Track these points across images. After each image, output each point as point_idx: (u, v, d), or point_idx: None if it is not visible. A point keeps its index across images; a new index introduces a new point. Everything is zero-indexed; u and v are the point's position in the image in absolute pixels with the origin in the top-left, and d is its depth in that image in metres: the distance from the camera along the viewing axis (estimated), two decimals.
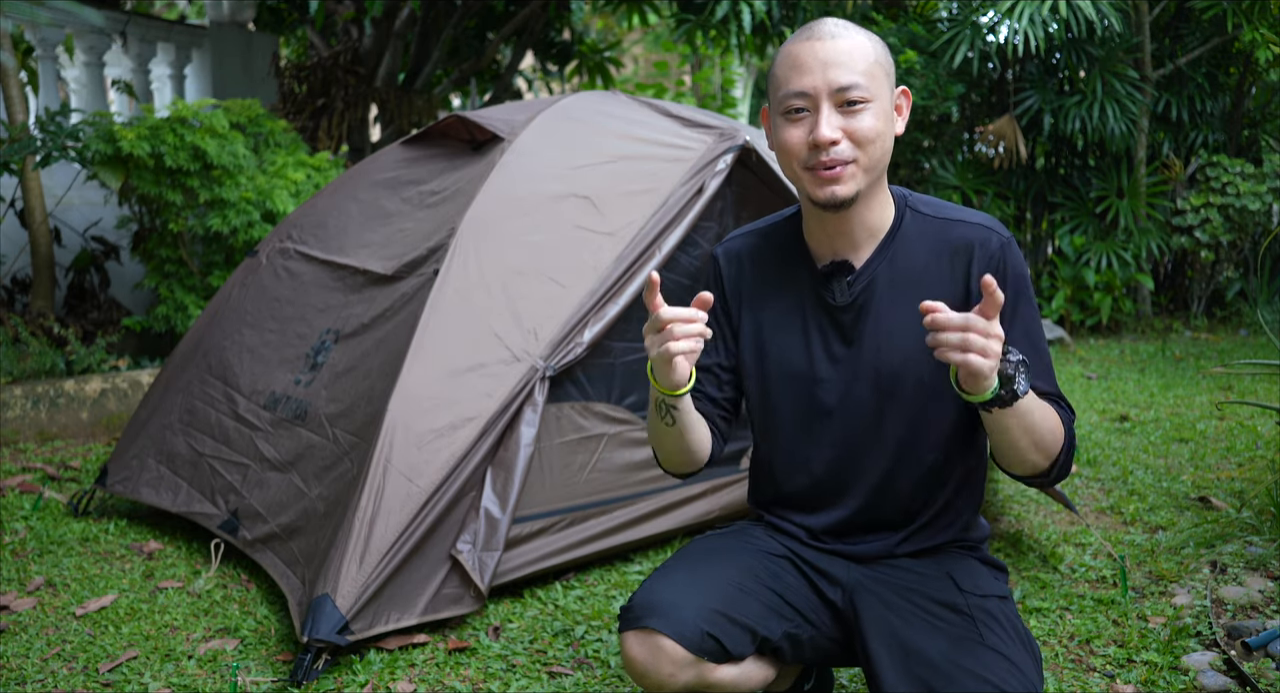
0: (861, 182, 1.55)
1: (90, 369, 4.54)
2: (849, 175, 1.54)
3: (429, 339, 2.53)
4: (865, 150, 1.54)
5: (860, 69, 1.52)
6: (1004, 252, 1.59)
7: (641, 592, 1.60)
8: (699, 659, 1.54)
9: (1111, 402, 4.87)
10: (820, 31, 1.55)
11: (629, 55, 13.55)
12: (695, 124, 3.09)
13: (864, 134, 1.53)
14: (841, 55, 1.52)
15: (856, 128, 1.52)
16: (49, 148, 4.39)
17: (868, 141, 1.53)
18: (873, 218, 1.62)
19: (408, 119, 7.07)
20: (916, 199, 1.67)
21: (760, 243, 1.75)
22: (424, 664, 2.27)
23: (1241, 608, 2.44)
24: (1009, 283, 1.56)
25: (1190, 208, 6.92)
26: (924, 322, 1.36)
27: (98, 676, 2.22)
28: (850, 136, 1.53)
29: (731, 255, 1.76)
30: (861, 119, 1.52)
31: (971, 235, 1.60)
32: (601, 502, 2.76)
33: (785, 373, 1.68)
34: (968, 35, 6.59)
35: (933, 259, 1.61)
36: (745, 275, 1.74)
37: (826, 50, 1.53)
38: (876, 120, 1.53)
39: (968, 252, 1.59)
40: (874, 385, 1.62)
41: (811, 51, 1.54)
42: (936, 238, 1.62)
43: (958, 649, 1.51)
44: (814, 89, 1.53)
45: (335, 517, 2.43)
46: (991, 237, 1.60)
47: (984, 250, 1.59)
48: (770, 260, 1.72)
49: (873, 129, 1.53)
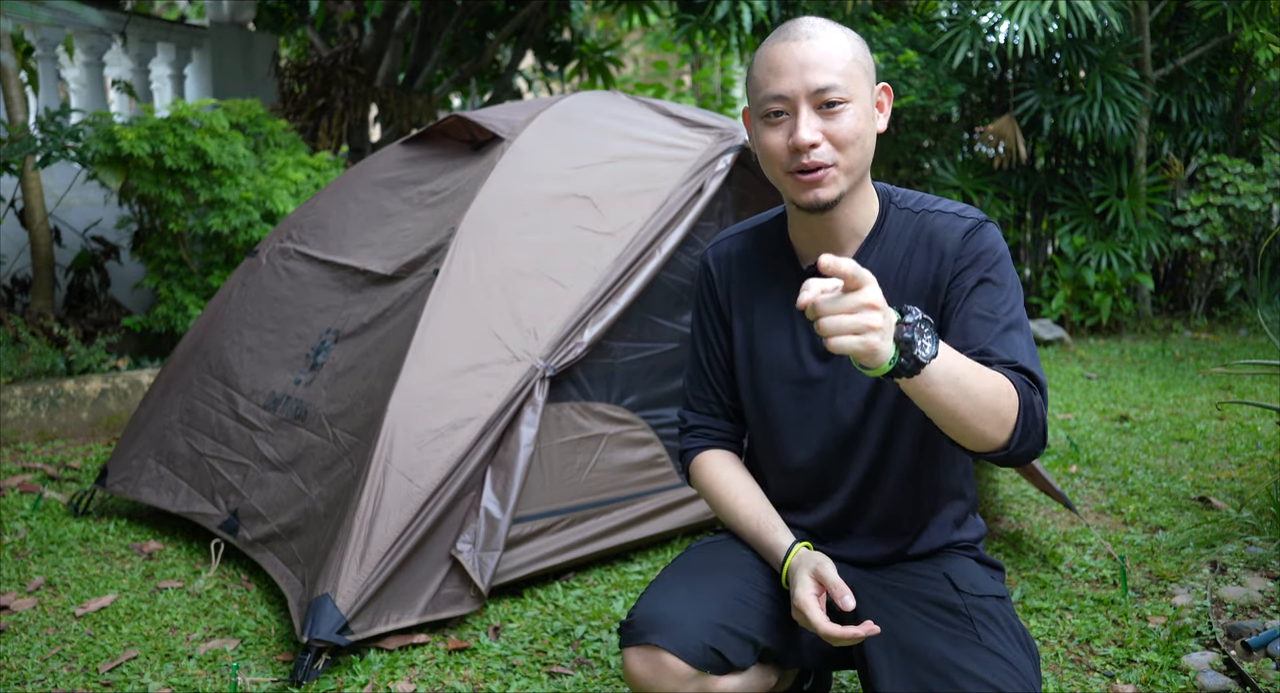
0: (844, 184, 1.54)
1: (90, 369, 4.54)
2: (830, 179, 1.53)
3: (429, 339, 2.53)
4: (845, 152, 1.52)
5: (838, 69, 1.50)
6: (972, 232, 1.56)
7: (642, 606, 1.59)
8: (702, 673, 1.53)
9: (1111, 402, 4.87)
10: (796, 32, 1.53)
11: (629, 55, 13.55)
12: (695, 124, 3.09)
13: (843, 135, 1.51)
14: (818, 56, 1.50)
15: (836, 129, 1.51)
16: (49, 148, 4.39)
17: (848, 143, 1.51)
18: (856, 217, 1.61)
19: (408, 119, 7.07)
20: (901, 195, 1.66)
21: (748, 244, 1.74)
22: (424, 664, 2.27)
23: (1241, 608, 2.44)
24: (974, 262, 1.54)
25: (1190, 208, 6.92)
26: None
27: (98, 676, 2.22)
28: (830, 139, 1.51)
29: (721, 258, 1.76)
30: (841, 120, 1.51)
31: (941, 224, 1.59)
32: (601, 502, 2.76)
33: (775, 374, 1.68)
34: (968, 35, 6.59)
35: (910, 253, 1.60)
36: (735, 278, 1.74)
37: (803, 51, 1.51)
38: (856, 121, 1.51)
39: (938, 240, 1.58)
40: (861, 386, 1.62)
41: (788, 53, 1.52)
42: (914, 231, 1.60)
43: (955, 650, 1.50)
44: (792, 92, 1.51)
45: (335, 517, 2.44)
46: (959, 222, 1.58)
47: (951, 234, 1.57)
48: (758, 262, 1.72)
49: (852, 130, 1.51)
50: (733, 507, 1.70)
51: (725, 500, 1.71)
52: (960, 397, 1.34)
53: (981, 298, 1.53)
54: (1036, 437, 1.44)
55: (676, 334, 2.94)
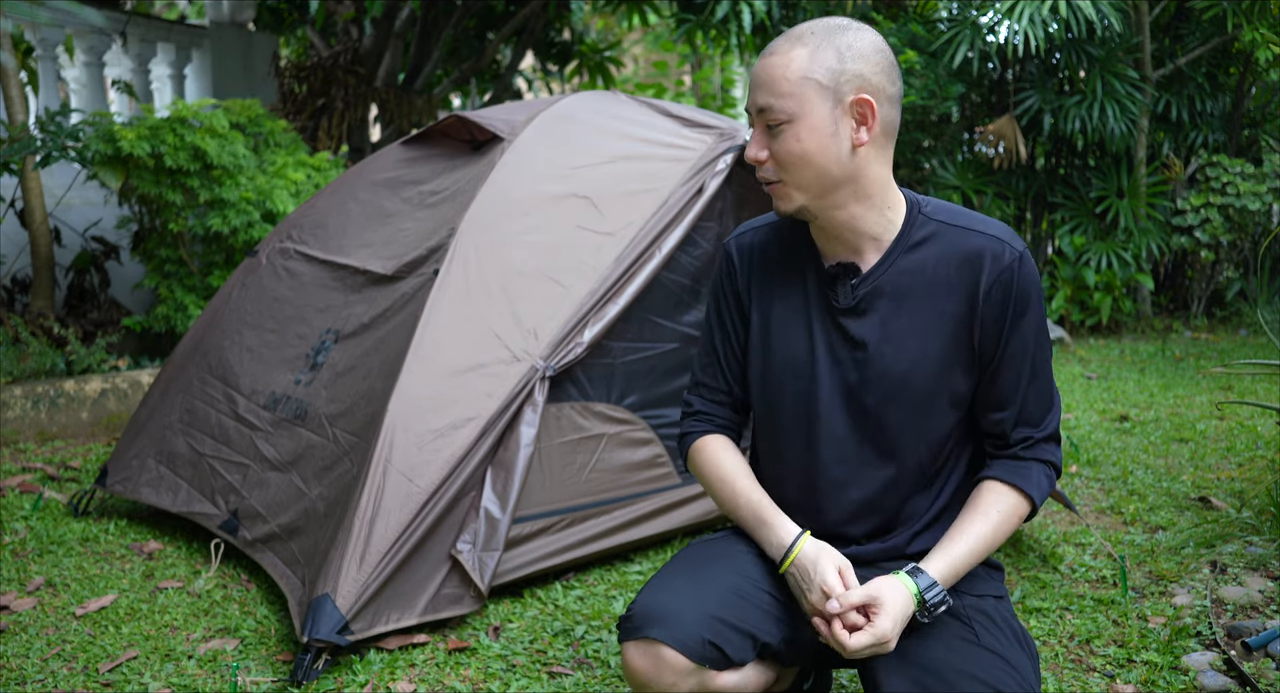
0: (800, 199, 1.56)
1: (90, 369, 4.54)
2: (783, 194, 1.57)
3: (429, 339, 2.53)
4: (788, 171, 1.54)
5: (782, 90, 1.51)
6: (1015, 266, 1.56)
7: (641, 600, 1.59)
8: (700, 668, 1.53)
9: (1111, 402, 4.87)
10: (770, 47, 1.56)
11: (629, 55, 13.54)
12: (695, 124, 3.09)
13: (782, 156, 1.53)
14: (766, 75, 1.53)
15: (776, 149, 1.54)
16: (49, 148, 4.39)
17: (789, 163, 1.53)
18: (868, 225, 1.59)
19: (408, 119, 7.07)
20: (932, 206, 1.63)
21: (772, 238, 1.74)
22: (424, 664, 2.27)
23: (1241, 608, 2.44)
24: (1013, 298, 1.55)
25: (1190, 208, 6.92)
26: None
27: (98, 676, 2.22)
28: (774, 157, 1.54)
29: (744, 249, 1.75)
30: (782, 140, 1.52)
31: (984, 246, 1.57)
32: (601, 502, 2.76)
33: (787, 372, 1.68)
34: (968, 35, 6.59)
35: (941, 267, 1.58)
36: (756, 270, 1.73)
37: (760, 68, 1.54)
38: (798, 142, 1.51)
39: (978, 262, 1.56)
40: (873, 390, 1.61)
41: (758, 68, 1.56)
42: (948, 245, 1.58)
43: (954, 651, 1.50)
44: (750, 107, 1.56)
45: (335, 517, 2.44)
46: (1005, 250, 1.56)
47: (995, 263, 1.55)
48: (780, 257, 1.71)
49: (790, 151, 1.52)
50: (732, 491, 1.70)
51: (725, 484, 1.72)
52: (978, 561, 1.59)
53: (1021, 341, 1.58)
54: (1054, 484, 1.65)
55: (676, 334, 2.94)
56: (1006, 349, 1.57)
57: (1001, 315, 1.56)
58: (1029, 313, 1.57)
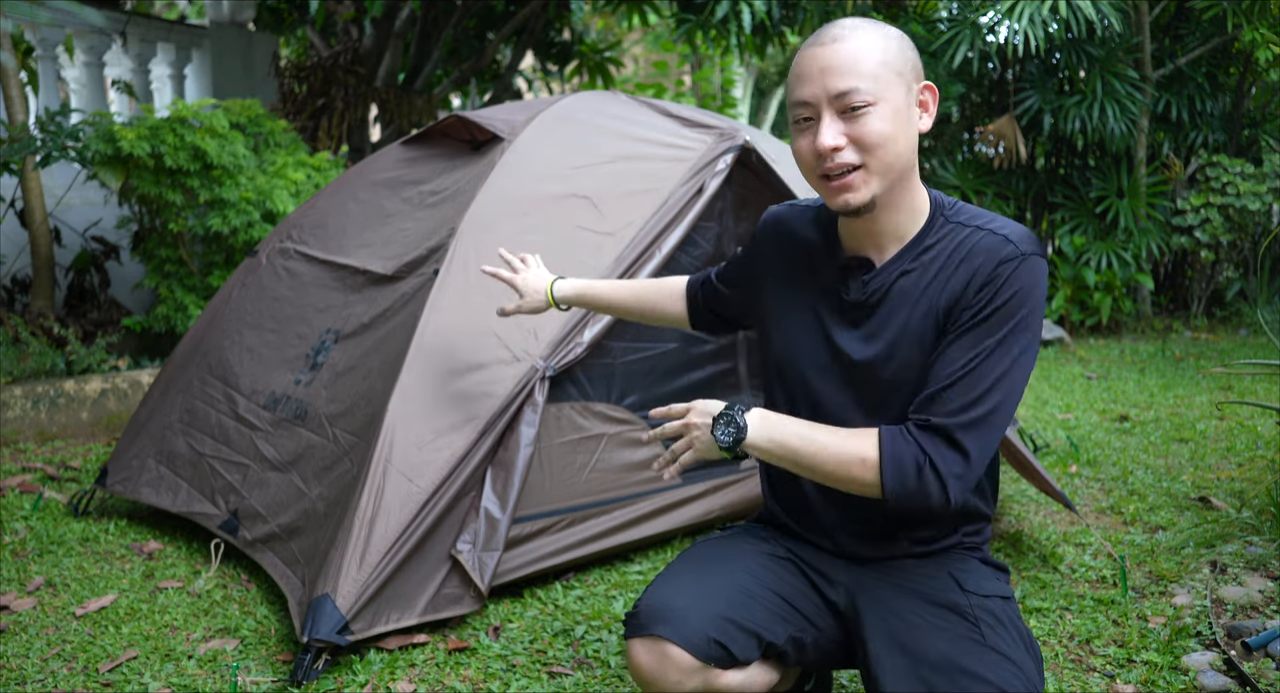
0: (876, 186, 1.53)
1: (90, 369, 4.54)
2: (860, 182, 1.52)
3: (429, 339, 2.53)
4: (874, 154, 1.51)
5: (863, 72, 1.49)
6: (1013, 266, 1.51)
7: (647, 598, 1.59)
8: (706, 666, 1.53)
9: (1111, 402, 4.87)
10: (824, 37, 1.53)
11: (629, 55, 13.55)
12: (695, 124, 3.09)
13: (869, 138, 1.50)
14: (841, 59, 1.50)
15: (861, 133, 1.50)
16: (49, 148, 4.39)
17: (875, 145, 1.50)
18: (898, 222, 1.59)
19: (408, 119, 7.07)
20: (955, 208, 1.62)
21: (802, 220, 1.75)
22: (424, 664, 2.27)
23: (1241, 608, 2.44)
24: (998, 290, 1.50)
25: (1190, 208, 6.92)
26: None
27: (98, 676, 2.22)
28: (855, 142, 1.50)
29: (778, 221, 1.79)
30: (866, 123, 1.49)
31: (989, 244, 1.54)
32: (601, 502, 2.76)
33: (791, 357, 1.69)
34: (968, 35, 6.59)
35: (947, 265, 1.57)
36: (778, 249, 1.76)
37: (827, 56, 1.51)
38: (883, 123, 1.50)
39: (976, 258, 1.54)
40: (872, 386, 1.61)
41: (813, 58, 1.52)
42: (958, 244, 1.57)
43: (959, 650, 1.50)
44: (814, 97, 1.51)
45: (335, 517, 2.43)
46: (1007, 249, 1.52)
47: (990, 258, 1.52)
48: (804, 243, 1.72)
49: (878, 132, 1.50)
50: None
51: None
52: (796, 466, 1.55)
53: (972, 338, 1.51)
54: (933, 492, 1.48)
55: (676, 334, 2.94)
56: (961, 338, 1.52)
57: (977, 303, 1.51)
58: (1012, 316, 1.50)
